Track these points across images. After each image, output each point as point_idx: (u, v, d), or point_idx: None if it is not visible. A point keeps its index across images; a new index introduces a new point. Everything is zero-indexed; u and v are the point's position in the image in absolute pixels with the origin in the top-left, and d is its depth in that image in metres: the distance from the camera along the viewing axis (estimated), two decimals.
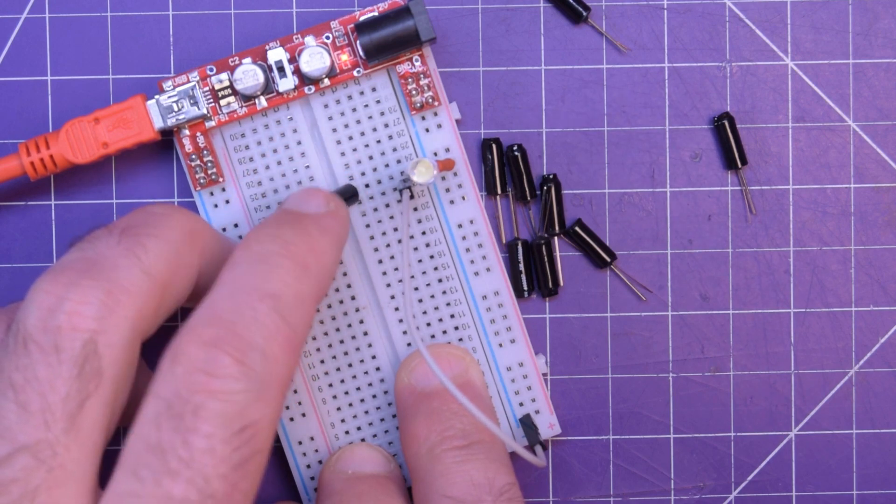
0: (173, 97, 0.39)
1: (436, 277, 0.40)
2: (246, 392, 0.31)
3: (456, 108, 0.40)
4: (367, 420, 0.41)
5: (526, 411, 0.41)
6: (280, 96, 0.40)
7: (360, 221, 0.40)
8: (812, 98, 0.42)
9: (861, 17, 0.41)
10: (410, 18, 0.39)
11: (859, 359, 0.42)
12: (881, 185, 0.42)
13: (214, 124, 0.40)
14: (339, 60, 0.39)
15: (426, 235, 0.40)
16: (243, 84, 0.39)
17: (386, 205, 0.40)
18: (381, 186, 0.40)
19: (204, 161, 0.40)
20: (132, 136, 0.39)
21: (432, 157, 0.40)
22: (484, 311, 0.41)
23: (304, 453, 0.40)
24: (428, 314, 0.40)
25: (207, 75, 0.39)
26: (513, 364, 0.41)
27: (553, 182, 0.41)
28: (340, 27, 0.40)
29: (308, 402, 0.40)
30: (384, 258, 0.40)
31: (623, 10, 0.41)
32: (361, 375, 0.40)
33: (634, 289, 0.41)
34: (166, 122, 0.39)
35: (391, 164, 0.40)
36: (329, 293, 0.40)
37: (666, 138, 0.41)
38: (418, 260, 0.40)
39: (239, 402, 0.31)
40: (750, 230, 0.42)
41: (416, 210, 0.40)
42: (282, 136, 0.40)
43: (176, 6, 0.41)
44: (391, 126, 0.40)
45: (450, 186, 0.40)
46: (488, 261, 0.40)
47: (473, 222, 0.40)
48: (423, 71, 0.40)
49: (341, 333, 0.40)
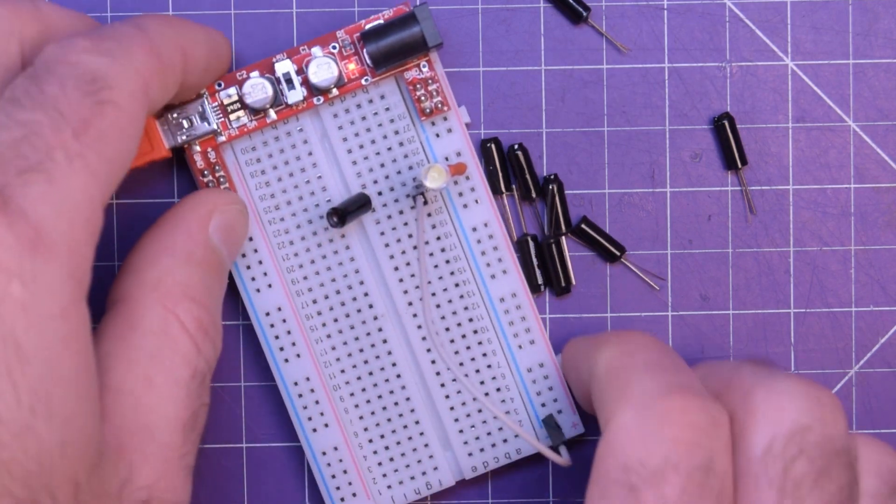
0: (183, 114, 0.39)
1: (452, 282, 0.40)
2: (98, 55, 0.33)
3: (465, 112, 0.40)
4: (391, 427, 0.41)
5: (549, 412, 0.41)
6: (289, 108, 0.40)
7: (374, 229, 0.40)
8: (812, 98, 0.42)
9: (861, 17, 0.42)
10: (417, 25, 0.39)
11: (859, 359, 0.42)
12: (881, 185, 0.42)
13: (225, 139, 0.40)
14: (346, 70, 0.39)
15: (441, 241, 0.40)
16: (252, 98, 0.39)
17: (400, 212, 0.40)
18: (394, 194, 0.40)
19: (216, 176, 0.40)
20: (144, 154, 0.39)
21: (444, 163, 0.40)
22: (502, 314, 0.41)
23: (328, 463, 0.40)
24: (446, 319, 0.40)
25: (216, 90, 0.39)
26: (533, 365, 0.41)
27: (555, 182, 0.41)
28: (346, 36, 0.39)
29: (330, 413, 0.40)
30: (400, 265, 0.40)
31: (623, 10, 0.41)
32: (382, 383, 0.40)
33: (648, 280, 0.41)
34: (177, 139, 0.39)
35: (403, 170, 0.40)
36: (346, 302, 0.40)
37: (666, 138, 0.41)
38: (434, 265, 0.40)
39: (90, 62, 0.33)
40: (750, 230, 0.42)
41: (429, 216, 0.40)
42: (293, 148, 0.40)
43: (176, 6, 0.41)
44: (401, 133, 0.40)
45: (462, 190, 0.40)
46: (504, 263, 0.40)
47: (488, 225, 0.40)
48: (432, 76, 0.40)
49: (360, 342, 0.40)
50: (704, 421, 0.33)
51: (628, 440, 0.33)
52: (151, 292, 0.36)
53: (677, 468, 0.32)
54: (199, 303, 0.36)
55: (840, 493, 0.33)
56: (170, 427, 0.35)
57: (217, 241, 0.38)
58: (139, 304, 0.36)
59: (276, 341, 0.40)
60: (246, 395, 0.41)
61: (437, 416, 0.41)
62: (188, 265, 0.37)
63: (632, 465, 0.33)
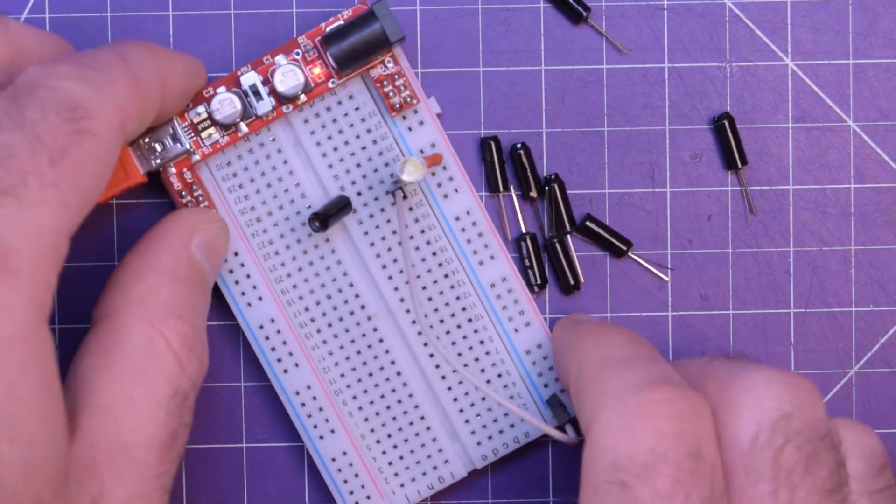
0: (155, 138, 0.39)
1: (442, 273, 0.40)
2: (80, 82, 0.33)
3: (435, 103, 0.40)
4: (397, 426, 0.41)
5: (552, 391, 0.41)
6: (259, 119, 0.39)
7: (357, 230, 0.40)
8: (812, 98, 0.42)
9: (861, 17, 0.41)
10: (377, 22, 0.39)
11: (859, 359, 0.42)
12: (881, 185, 0.42)
13: (199, 158, 0.39)
14: (312, 75, 0.39)
15: (425, 234, 0.40)
16: (222, 114, 0.39)
17: (381, 209, 0.40)
18: (373, 192, 0.40)
19: (194, 196, 0.39)
20: (119, 182, 0.38)
21: (419, 155, 0.40)
22: (494, 300, 0.41)
23: (339, 469, 0.40)
24: (439, 311, 0.41)
25: (185, 110, 0.39)
26: (531, 347, 0.41)
27: (556, 182, 0.41)
28: (308, 41, 0.39)
29: (335, 418, 0.40)
30: (387, 263, 0.40)
31: (623, 10, 0.41)
32: (383, 382, 0.40)
33: (656, 272, 0.41)
34: (152, 164, 0.39)
35: (380, 168, 0.40)
36: (338, 306, 0.40)
37: (666, 138, 0.41)
38: (421, 259, 0.40)
39: (71, 89, 0.33)
40: (750, 230, 0.42)
41: (411, 209, 0.40)
42: (267, 158, 0.40)
43: (176, 6, 0.41)
44: (374, 131, 0.40)
45: (441, 181, 0.40)
46: (491, 249, 0.40)
47: (470, 213, 0.40)
48: (398, 71, 0.40)
49: (357, 344, 0.40)
50: (687, 409, 0.33)
51: (613, 438, 0.33)
52: (137, 309, 0.36)
53: (666, 458, 0.32)
54: (185, 320, 0.36)
55: (830, 477, 0.33)
56: (147, 446, 0.34)
57: (200, 258, 0.38)
58: (124, 320, 0.36)
59: (272, 353, 0.40)
60: (246, 395, 0.41)
61: (442, 409, 0.41)
62: (173, 282, 0.36)
63: (620, 463, 0.33)
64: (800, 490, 0.33)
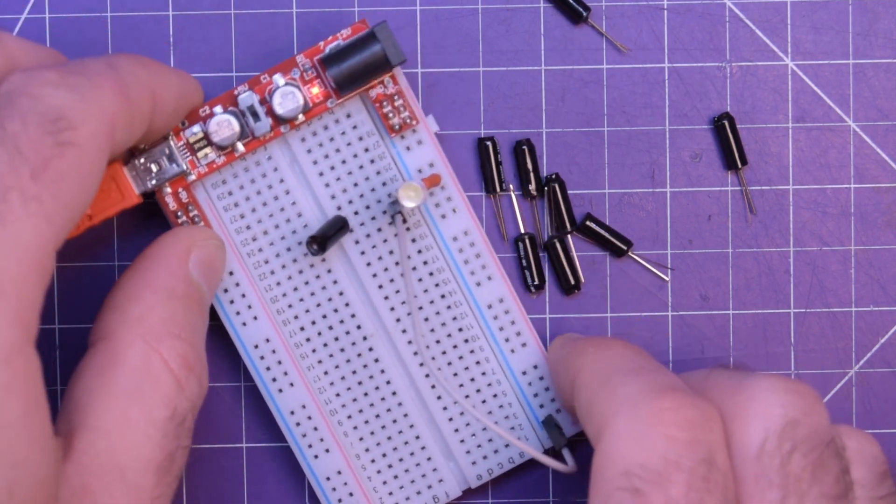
0: (150, 158, 0.38)
1: (438, 294, 0.40)
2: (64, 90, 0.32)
3: (433, 121, 0.40)
4: (392, 445, 0.40)
5: (548, 412, 0.41)
6: (257, 139, 0.39)
7: (354, 250, 0.40)
8: (812, 98, 0.42)
9: (861, 17, 0.41)
10: (377, 44, 0.38)
11: (859, 359, 0.42)
12: (881, 185, 0.42)
13: (195, 178, 0.39)
14: (310, 94, 0.39)
15: (422, 254, 0.40)
16: (220, 136, 0.38)
17: (378, 229, 0.40)
18: (371, 212, 0.40)
19: (190, 216, 0.39)
20: (115, 204, 0.38)
21: (417, 177, 0.40)
22: (491, 320, 0.40)
23: (333, 488, 0.40)
24: (436, 331, 0.40)
25: (180, 129, 0.39)
26: (527, 368, 0.41)
27: (557, 182, 0.41)
28: (307, 60, 0.39)
29: (330, 438, 0.40)
30: (384, 283, 0.40)
31: (623, 10, 0.41)
32: (379, 402, 0.40)
33: (656, 272, 0.41)
34: (147, 184, 0.38)
35: (377, 188, 0.40)
36: (334, 325, 0.40)
37: (666, 138, 0.41)
38: (418, 279, 0.40)
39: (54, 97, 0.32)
40: (750, 230, 0.42)
41: (408, 230, 0.40)
42: (263, 178, 0.40)
43: (176, 6, 0.41)
44: (371, 150, 0.40)
45: (439, 201, 0.40)
46: (488, 269, 0.40)
47: (468, 233, 0.40)
48: (397, 91, 0.39)
49: (352, 364, 0.40)
50: (697, 416, 0.33)
51: (625, 446, 0.33)
52: (134, 329, 0.35)
53: (679, 466, 0.32)
54: (183, 339, 0.35)
55: (837, 484, 0.33)
56: (142, 468, 0.34)
57: (197, 276, 0.37)
58: (122, 340, 0.35)
59: (267, 373, 0.40)
60: (246, 395, 0.41)
61: (437, 429, 0.41)
62: (171, 301, 0.36)
63: (633, 470, 0.32)
64: (808, 497, 0.33)
